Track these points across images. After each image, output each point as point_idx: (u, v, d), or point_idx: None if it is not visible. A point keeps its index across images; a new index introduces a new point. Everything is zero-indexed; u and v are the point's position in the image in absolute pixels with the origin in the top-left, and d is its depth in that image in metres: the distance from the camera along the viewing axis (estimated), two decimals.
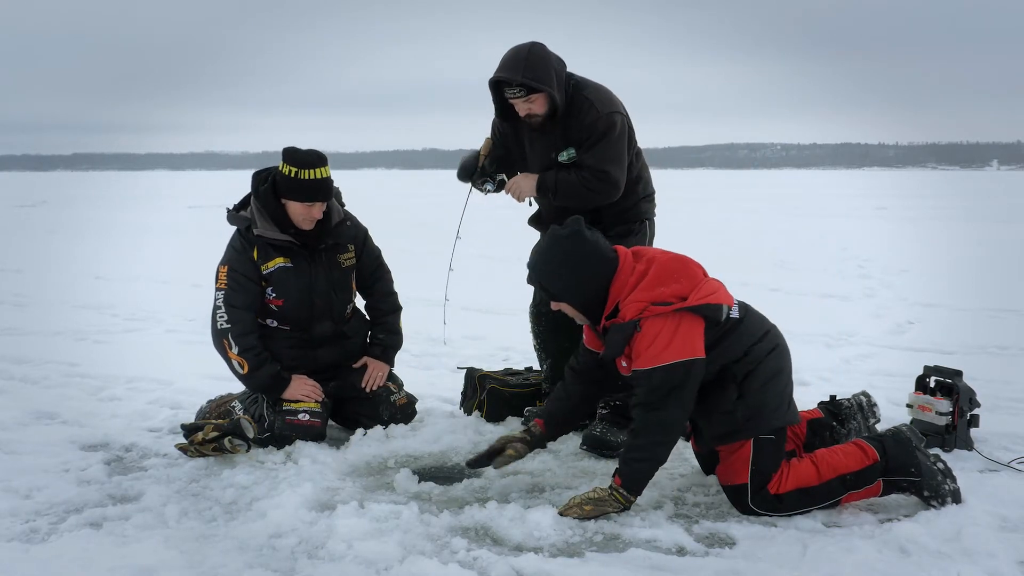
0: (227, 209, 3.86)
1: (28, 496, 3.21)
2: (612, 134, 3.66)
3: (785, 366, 3.11)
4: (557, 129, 3.72)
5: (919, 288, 8.24)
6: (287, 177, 3.68)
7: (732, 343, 3.03)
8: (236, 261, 3.76)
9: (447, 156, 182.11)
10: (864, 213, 20.06)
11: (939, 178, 57.96)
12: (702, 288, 2.99)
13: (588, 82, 3.76)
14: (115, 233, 15.33)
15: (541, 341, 4.09)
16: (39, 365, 5.25)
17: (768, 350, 3.06)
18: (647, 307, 2.94)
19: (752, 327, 3.09)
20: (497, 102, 3.77)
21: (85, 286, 8.80)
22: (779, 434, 3.04)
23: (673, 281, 2.99)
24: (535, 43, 3.64)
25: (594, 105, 3.66)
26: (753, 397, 3.00)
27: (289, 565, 2.69)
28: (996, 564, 2.62)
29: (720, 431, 3.04)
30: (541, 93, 3.61)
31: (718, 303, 2.98)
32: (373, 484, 3.37)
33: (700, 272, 3.08)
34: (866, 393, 3.54)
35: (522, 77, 3.56)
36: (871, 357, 5.45)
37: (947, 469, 3.05)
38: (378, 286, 4.10)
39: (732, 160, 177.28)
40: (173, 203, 25.98)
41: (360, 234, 4.02)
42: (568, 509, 2.99)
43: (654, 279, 2.99)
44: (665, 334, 2.92)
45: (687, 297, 2.95)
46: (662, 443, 2.99)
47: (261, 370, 3.72)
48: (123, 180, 58.54)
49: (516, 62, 3.59)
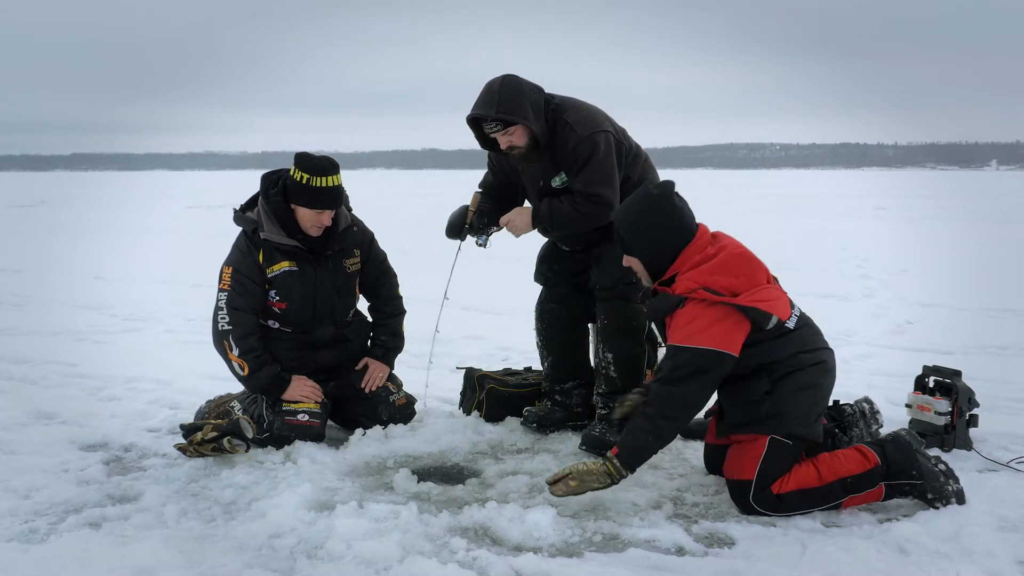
0: (233, 209, 3.85)
1: (27, 496, 3.21)
2: (597, 155, 3.61)
3: (825, 383, 3.13)
4: (545, 157, 3.69)
5: (918, 288, 8.24)
6: (298, 183, 3.67)
7: (775, 347, 3.05)
8: (241, 263, 3.75)
9: (446, 156, 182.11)
10: (863, 213, 20.07)
11: (938, 178, 57.99)
12: (759, 292, 3.02)
13: (568, 103, 3.71)
14: (114, 233, 15.33)
15: (544, 339, 4.08)
16: (38, 365, 5.25)
17: (813, 362, 3.08)
18: (698, 289, 2.99)
19: (804, 339, 3.11)
20: (479, 137, 3.75)
21: (84, 286, 8.79)
22: (796, 442, 3.04)
23: (732, 275, 3.03)
24: (507, 76, 3.61)
25: (574, 129, 3.61)
26: (783, 398, 3.02)
27: (288, 565, 2.69)
28: (995, 564, 2.62)
29: (741, 419, 3.06)
30: (518, 126, 3.59)
31: (767, 311, 2.99)
32: (372, 484, 3.37)
33: (763, 277, 3.10)
34: (868, 400, 3.54)
35: (496, 112, 3.54)
36: (870, 357, 5.45)
37: (949, 470, 3.05)
38: (383, 290, 4.09)
39: (731, 160, 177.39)
40: (172, 203, 25.98)
41: (366, 239, 4.01)
42: (554, 484, 3.02)
43: (717, 266, 3.04)
44: (705, 319, 2.97)
45: (739, 294, 2.99)
46: (670, 418, 3.01)
47: (261, 372, 3.72)
48: (122, 180, 58.55)
49: (489, 97, 3.57)
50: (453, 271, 4.17)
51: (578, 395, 4.04)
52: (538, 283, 4.11)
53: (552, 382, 4.06)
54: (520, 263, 3.65)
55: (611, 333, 3.77)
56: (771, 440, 3.01)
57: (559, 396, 4.03)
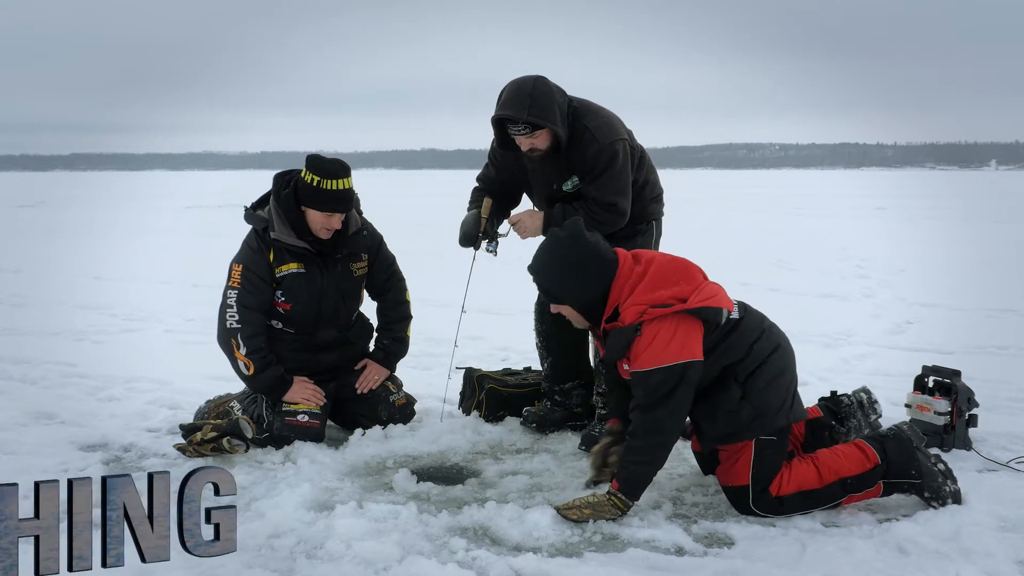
0: (244, 207, 3.84)
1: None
2: (615, 165, 3.60)
3: (789, 364, 3.11)
4: (559, 160, 3.67)
5: (918, 288, 8.25)
6: (309, 185, 3.66)
7: (733, 343, 3.02)
8: (252, 261, 3.74)
9: (446, 156, 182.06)
10: (863, 213, 20.08)
11: (937, 178, 57.99)
12: (703, 291, 2.97)
13: (587, 107, 3.69)
14: (113, 233, 15.33)
15: (543, 339, 4.08)
16: (38, 365, 5.24)
17: (770, 349, 3.06)
18: (646, 309, 2.92)
19: (751, 324, 3.09)
20: (499, 136, 3.72)
21: (83, 286, 8.79)
22: (781, 435, 3.04)
23: (672, 283, 2.97)
24: (539, 78, 3.57)
25: (595, 136, 3.59)
26: (757, 397, 3.00)
27: (288, 565, 2.68)
28: (994, 563, 2.62)
29: (723, 431, 3.03)
30: (545, 129, 3.56)
31: (718, 306, 2.97)
32: (372, 484, 3.37)
33: (700, 275, 3.06)
34: (866, 389, 3.47)
35: (527, 115, 3.50)
36: (870, 357, 5.45)
37: (948, 470, 3.05)
38: (389, 293, 4.09)
39: (731, 160, 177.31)
40: (171, 203, 25.97)
41: (375, 242, 4.00)
42: (568, 510, 2.98)
43: (653, 281, 2.98)
44: (663, 336, 2.91)
45: (687, 299, 2.94)
46: (660, 445, 2.99)
47: (266, 372, 3.72)
48: (121, 180, 58.45)
49: (520, 99, 3.51)
50: (470, 282, 4.11)
51: (577, 395, 4.04)
52: None
53: (552, 382, 4.06)
54: (520, 263, 3.64)
55: None
56: (757, 442, 3.00)
57: (558, 396, 4.03)
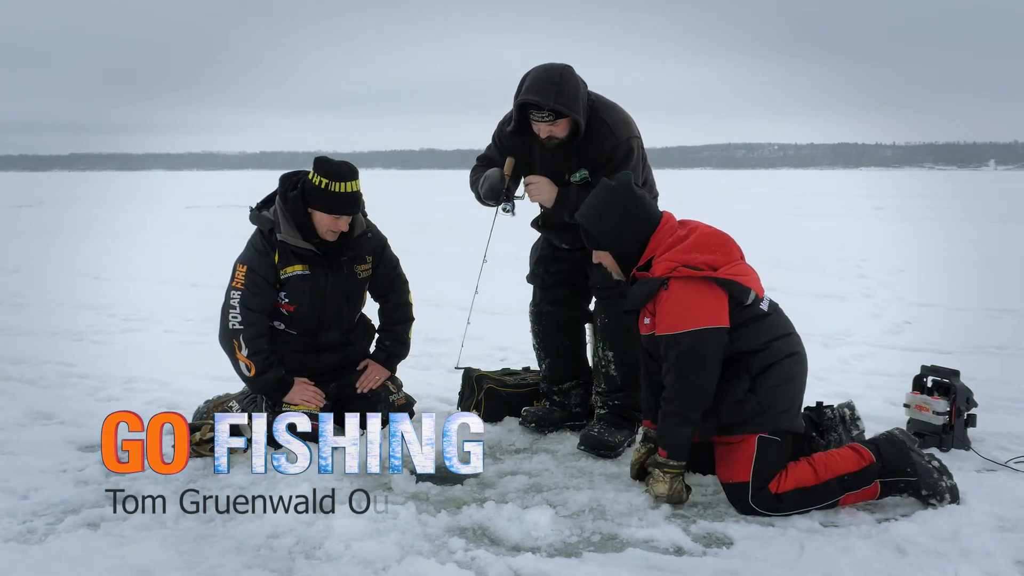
0: (250, 207, 3.84)
1: (25, 496, 3.21)
2: (630, 161, 3.61)
3: (801, 374, 3.15)
4: (572, 150, 3.67)
5: (917, 288, 8.25)
6: (317, 187, 3.66)
7: (752, 332, 3.08)
8: (256, 263, 3.73)
9: (444, 156, 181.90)
10: (862, 213, 20.08)
11: (936, 178, 58.00)
12: (736, 266, 3.08)
13: (603, 101, 3.69)
14: (112, 233, 15.32)
15: (540, 340, 4.08)
16: (36, 365, 5.24)
17: (787, 352, 3.11)
18: (678, 267, 3.02)
19: (777, 325, 3.15)
20: (518, 120, 3.69)
21: (82, 286, 8.78)
22: (784, 437, 3.06)
23: (709, 252, 3.08)
24: (566, 67, 3.56)
25: (612, 131, 3.60)
26: (765, 395, 3.04)
27: (287, 565, 2.69)
28: (993, 563, 2.63)
29: (727, 420, 3.06)
30: (567, 118, 3.56)
31: (747, 285, 3.06)
32: (371, 484, 3.36)
33: (738, 252, 3.17)
34: (851, 404, 3.50)
35: (554, 102, 3.49)
36: (868, 357, 5.45)
37: (942, 466, 3.06)
38: (392, 295, 4.08)
39: (730, 160, 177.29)
40: (170, 203, 25.96)
41: (379, 245, 3.99)
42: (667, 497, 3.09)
43: (692, 245, 3.08)
44: (690, 297, 3.00)
45: (718, 269, 3.03)
46: (697, 407, 3.05)
47: (267, 374, 3.72)
48: (120, 180, 58.47)
49: (548, 86, 3.50)
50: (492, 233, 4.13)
51: (576, 395, 4.04)
52: (532, 284, 4.10)
53: (550, 383, 4.06)
54: (517, 263, 3.65)
55: (612, 331, 3.76)
56: (760, 439, 3.02)
57: (557, 396, 4.04)
